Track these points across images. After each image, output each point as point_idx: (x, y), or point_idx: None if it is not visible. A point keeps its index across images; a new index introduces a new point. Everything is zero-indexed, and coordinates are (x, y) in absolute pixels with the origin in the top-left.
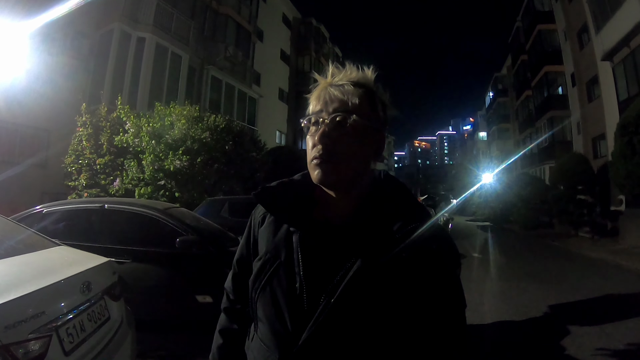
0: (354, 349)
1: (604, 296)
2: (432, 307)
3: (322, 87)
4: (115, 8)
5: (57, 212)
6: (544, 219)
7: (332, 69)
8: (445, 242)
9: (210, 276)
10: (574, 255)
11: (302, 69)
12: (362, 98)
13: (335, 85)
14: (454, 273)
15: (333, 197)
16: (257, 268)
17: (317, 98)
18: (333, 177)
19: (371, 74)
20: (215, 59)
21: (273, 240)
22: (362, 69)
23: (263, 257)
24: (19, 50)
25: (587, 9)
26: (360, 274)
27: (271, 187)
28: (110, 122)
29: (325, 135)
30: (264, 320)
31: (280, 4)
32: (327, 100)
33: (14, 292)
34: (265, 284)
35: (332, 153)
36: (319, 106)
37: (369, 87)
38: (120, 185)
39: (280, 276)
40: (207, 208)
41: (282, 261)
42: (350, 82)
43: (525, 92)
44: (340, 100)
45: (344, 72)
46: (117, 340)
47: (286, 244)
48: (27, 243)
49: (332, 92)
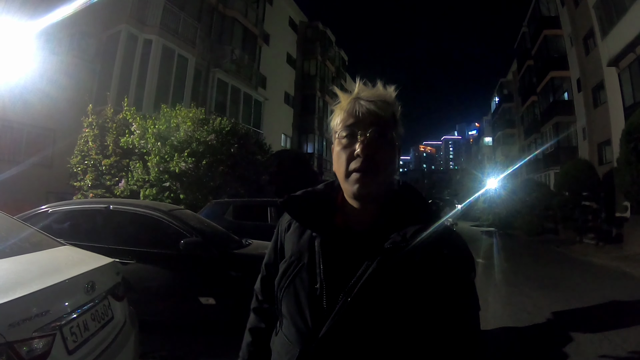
0: (368, 345)
1: (608, 303)
2: (445, 308)
3: (351, 101)
4: (122, 10)
5: (62, 212)
6: (548, 225)
7: (360, 86)
8: (457, 246)
9: (214, 278)
10: (578, 261)
11: (308, 73)
12: (392, 115)
13: (368, 100)
14: (466, 276)
15: (355, 206)
16: (282, 269)
17: (350, 112)
18: (373, 189)
19: (393, 92)
20: (221, 61)
21: (297, 244)
22: (386, 86)
23: (288, 260)
24: (26, 51)
25: (593, 14)
26: (374, 275)
27: (296, 196)
28: (116, 123)
29: (368, 147)
30: (287, 317)
31: (287, 7)
32: (363, 113)
33: (19, 291)
34: (289, 284)
35: (373, 165)
36: (351, 119)
37: (396, 106)
38: (126, 186)
39: (303, 277)
40: (212, 210)
41: (305, 263)
42: (380, 99)
43: (530, 98)
44: (377, 115)
45: (373, 89)
46: (120, 340)
47: (309, 248)
48: (32, 242)
49: (367, 107)
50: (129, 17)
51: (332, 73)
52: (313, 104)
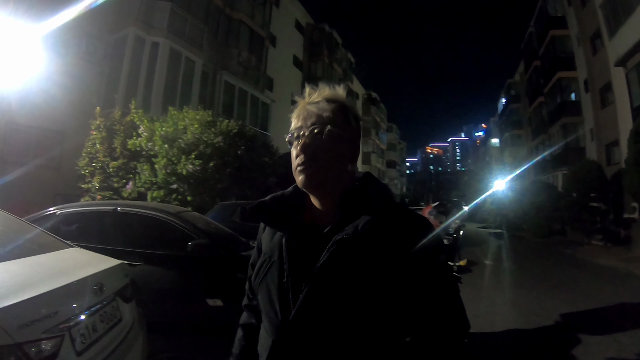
0: (331, 330)
1: (616, 305)
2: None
3: (301, 107)
4: (129, 13)
5: (70, 214)
6: (556, 227)
7: (309, 90)
8: (408, 231)
9: (221, 280)
10: (586, 263)
11: (314, 75)
12: (335, 112)
13: (312, 103)
14: (424, 259)
15: (316, 202)
16: (257, 267)
17: (297, 116)
18: (315, 180)
19: (342, 90)
20: (228, 64)
21: (270, 243)
22: (334, 87)
23: (261, 258)
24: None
25: (600, 14)
26: (327, 266)
27: (264, 201)
28: (124, 125)
29: (305, 145)
30: (263, 310)
31: (293, 9)
32: (305, 116)
33: (28, 292)
34: (262, 280)
35: (312, 160)
36: (299, 123)
37: (341, 102)
38: (133, 189)
39: (273, 273)
40: (219, 212)
41: (275, 260)
42: (324, 99)
43: (538, 99)
44: (317, 115)
45: (319, 91)
46: (129, 341)
47: (279, 246)
48: (41, 244)
49: (309, 109)
50: (136, 20)
51: (339, 75)
52: None
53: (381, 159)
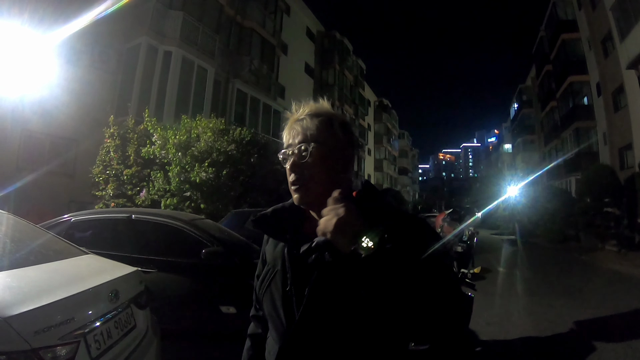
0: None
1: (632, 311)
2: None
3: (289, 124)
4: (142, 22)
5: (85, 221)
6: (570, 233)
7: (295, 106)
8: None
9: (235, 287)
10: (600, 269)
11: (326, 82)
12: (320, 126)
13: (298, 119)
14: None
15: (315, 213)
16: (261, 277)
17: (287, 133)
18: (308, 198)
19: (326, 103)
20: (240, 72)
21: (273, 254)
22: (318, 100)
23: (265, 268)
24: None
25: (611, 16)
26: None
27: (265, 213)
28: (138, 133)
29: (294, 165)
30: (269, 319)
31: (304, 17)
32: (293, 134)
33: (44, 298)
34: (266, 289)
35: (302, 179)
36: (289, 140)
37: (325, 115)
38: (147, 196)
39: (277, 282)
40: (232, 220)
41: (279, 270)
42: (307, 115)
43: (550, 103)
44: (302, 133)
45: (303, 107)
46: (143, 348)
47: (281, 255)
48: (56, 250)
49: (295, 127)
50: (148, 30)
51: (350, 82)
52: None
53: (393, 165)
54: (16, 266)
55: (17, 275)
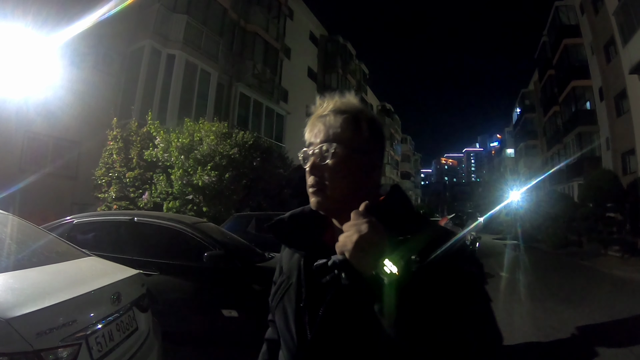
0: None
1: (634, 317)
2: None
3: (312, 120)
4: (146, 25)
5: (87, 223)
6: (572, 238)
7: (318, 101)
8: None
9: (237, 291)
10: (603, 274)
11: (329, 86)
12: (344, 125)
13: (321, 116)
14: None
15: (336, 220)
16: (275, 287)
17: (309, 130)
18: (326, 204)
19: (353, 97)
20: (243, 76)
21: (289, 263)
22: (345, 95)
23: (280, 278)
24: (51, 64)
25: (614, 21)
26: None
27: (282, 219)
28: (141, 136)
29: (312, 167)
30: (280, 332)
31: (307, 21)
32: (315, 132)
33: (47, 300)
34: (279, 302)
35: (320, 183)
36: (310, 138)
37: (351, 112)
38: (149, 199)
39: (290, 295)
40: (234, 223)
41: (294, 282)
42: (332, 111)
43: (552, 108)
44: (324, 131)
45: (327, 102)
46: (144, 351)
47: (297, 267)
48: (58, 252)
49: (317, 124)
50: (152, 33)
51: (353, 86)
52: None
53: (395, 170)
54: (19, 268)
55: (19, 276)
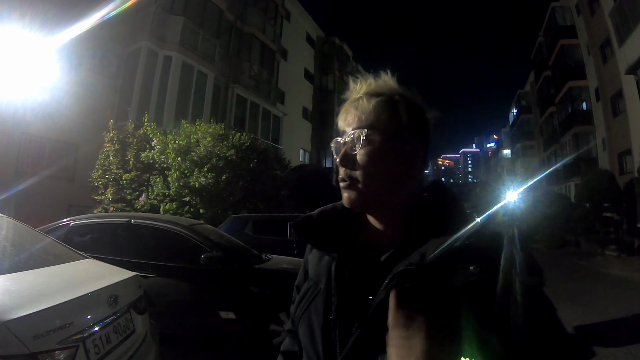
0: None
1: (632, 316)
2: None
3: (345, 106)
4: (142, 27)
5: (84, 225)
6: (569, 238)
7: (351, 84)
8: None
9: (234, 293)
10: (600, 274)
11: (325, 88)
12: (378, 108)
13: (354, 100)
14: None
15: (373, 219)
16: (300, 294)
17: (342, 118)
18: (358, 201)
19: (389, 79)
20: (240, 77)
21: (317, 267)
22: (379, 75)
23: (307, 284)
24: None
25: (610, 22)
26: (384, 306)
27: (311, 216)
28: (137, 138)
29: (344, 158)
30: (303, 347)
31: (304, 23)
32: (348, 119)
33: (43, 303)
34: (305, 312)
35: (351, 176)
36: (343, 127)
37: (387, 94)
38: (146, 201)
39: (318, 305)
40: (231, 225)
41: (322, 289)
42: (365, 94)
43: (549, 109)
44: (357, 117)
45: (360, 84)
46: (141, 353)
47: (327, 272)
48: (55, 254)
49: (350, 110)
50: (149, 35)
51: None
52: (331, 118)
53: None
54: (16, 270)
55: (16, 279)
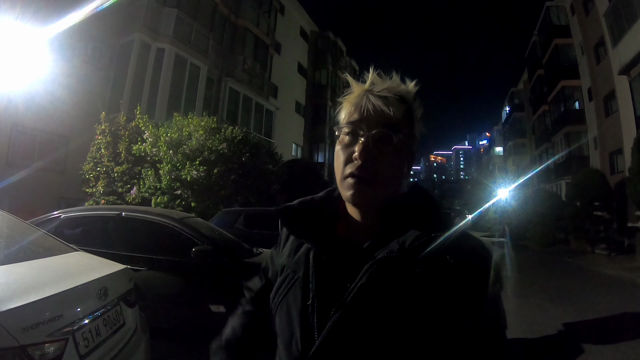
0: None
1: (620, 314)
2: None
3: (360, 94)
4: (135, 19)
5: (75, 218)
6: (560, 236)
7: (374, 77)
8: (467, 253)
9: (225, 286)
10: (589, 272)
11: (318, 82)
12: (404, 114)
13: (378, 95)
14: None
15: (355, 214)
16: (277, 283)
17: (356, 105)
18: (369, 199)
19: (413, 87)
20: (233, 70)
21: (294, 256)
22: (405, 81)
23: (284, 273)
24: (41, 57)
25: (604, 22)
26: (364, 290)
27: (292, 206)
28: (129, 131)
29: (367, 150)
30: (279, 335)
31: (298, 17)
32: (368, 110)
33: (33, 295)
34: (282, 300)
35: (371, 172)
36: (356, 115)
37: (412, 103)
38: (137, 194)
39: (296, 292)
40: (222, 219)
41: (300, 277)
42: (395, 95)
43: (541, 107)
44: (385, 114)
45: (387, 82)
46: (132, 346)
47: (305, 261)
48: (45, 247)
49: (375, 103)
50: (142, 27)
51: (343, 83)
52: (324, 113)
53: None
54: (5, 262)
55: (5, 271)
